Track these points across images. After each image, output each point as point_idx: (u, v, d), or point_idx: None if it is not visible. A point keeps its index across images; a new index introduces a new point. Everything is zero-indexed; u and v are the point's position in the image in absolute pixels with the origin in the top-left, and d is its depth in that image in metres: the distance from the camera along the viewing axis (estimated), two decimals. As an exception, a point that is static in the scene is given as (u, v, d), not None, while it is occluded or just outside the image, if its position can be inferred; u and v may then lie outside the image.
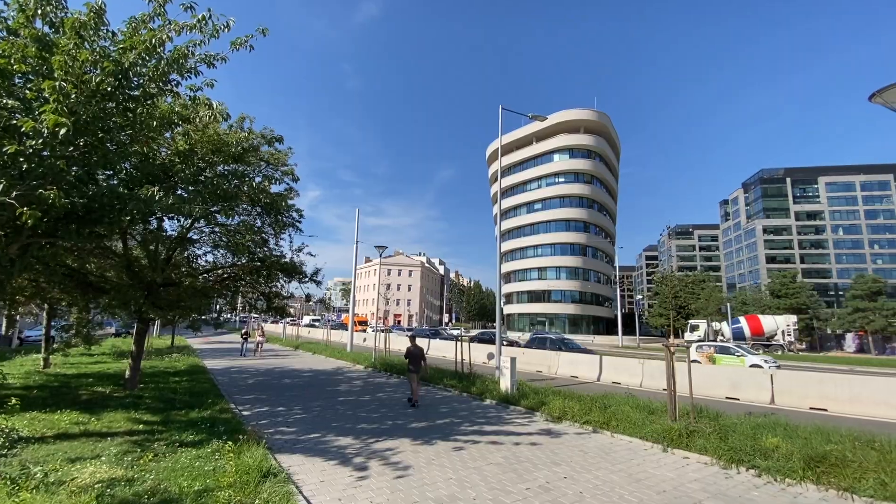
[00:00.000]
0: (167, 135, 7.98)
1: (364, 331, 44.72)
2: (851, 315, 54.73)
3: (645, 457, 6.92)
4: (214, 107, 6.88)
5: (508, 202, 75.78)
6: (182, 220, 10.29)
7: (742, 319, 45.15)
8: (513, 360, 11.91)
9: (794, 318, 43.79)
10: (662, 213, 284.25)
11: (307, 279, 13.31)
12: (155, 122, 6.21)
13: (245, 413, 9.44)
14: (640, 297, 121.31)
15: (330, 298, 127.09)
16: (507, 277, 76.00)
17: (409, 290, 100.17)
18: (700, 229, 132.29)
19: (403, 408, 10.41)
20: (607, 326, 68.42)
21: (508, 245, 75.05)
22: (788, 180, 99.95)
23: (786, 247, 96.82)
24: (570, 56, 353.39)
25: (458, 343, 15.91)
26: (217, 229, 11.85)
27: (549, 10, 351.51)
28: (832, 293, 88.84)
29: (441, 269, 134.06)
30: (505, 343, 30.11)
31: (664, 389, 8.84)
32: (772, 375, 12.78)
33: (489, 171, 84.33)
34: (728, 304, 47.03)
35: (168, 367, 16.68)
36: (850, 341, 54.76)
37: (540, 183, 73.30)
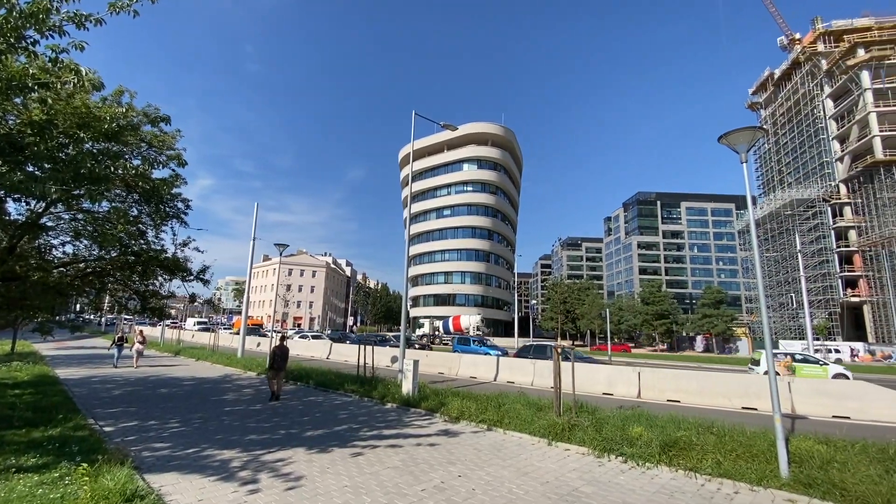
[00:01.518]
0: (17, 101, 6.68)
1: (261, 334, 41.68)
2: (701, 320, 64.79)
3: (532, 451, 7.45)
4: (83, 73, 5.91)
5: (419, 206, 76.57)
6: (33, 202, 8.65)
7: (451, 319, 57.48)
8: (415, 362, 12.03)
9: (478, 316, 58.28)
10: (557, 226, 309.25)
11: (192, 277, 11.99)
12: (0, 84, 5.16)
13: (108, 429, 8.20)
14: (534, 301, 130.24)
15: (220, 299, 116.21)
16: (415, 281, 76.58)
17: (312, 291, 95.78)
18: (587, 242, 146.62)
19: (300, 415, 9.91)
20: (505, 329, 72.46)
21: (417, 249, 75.75)
22: (659, 203, 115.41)
23: (654, 260, 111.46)
24: (481, 69, 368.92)
25: (362, 347, 15.62)
26: (80, 216, 10.15)
27: (468, 22, 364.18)
28: (688, 301, 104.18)
29: (348, 271, 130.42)
30: (417, 347, 30.27)
31: (552, 387, 9.62)
32: (639, 373, 14.61)
33: (401, 175, 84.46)
34: (607, 310, 52.77)
35: (6, 377, 13.84)
36: (700, 342, 64.75)
37: (450, 190, 75.41)
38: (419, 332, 59.92)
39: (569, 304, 73.42)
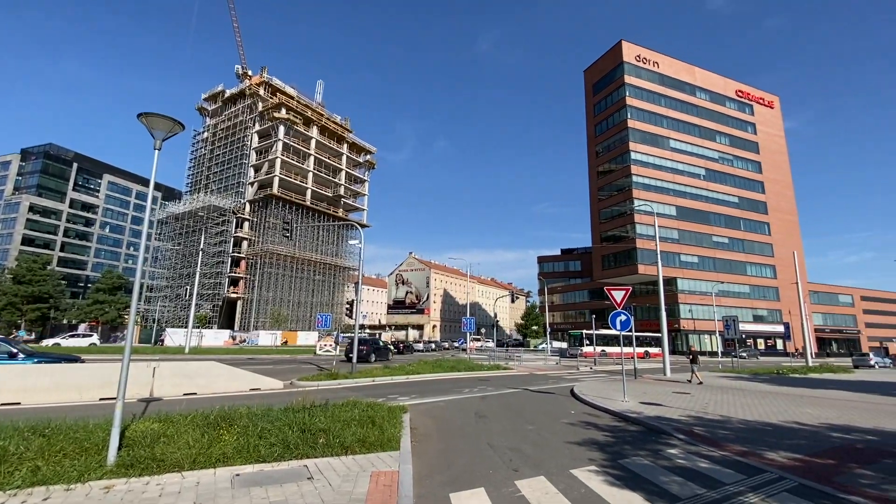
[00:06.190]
0: None
1: None
2: (91, 306, 58.21)
3: None
4: None
5: None
6: None
7: None
8: None
9: None
10: None
11: None
12: None
13: None
14: None
15: None
16: None
17: None
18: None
19: None
20: None
21: None
22: (76, 165, 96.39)
23: (51, 232, 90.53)
24: None
25: None
26: None
27: None
28: (82, 284, 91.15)
29: None
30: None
31: None
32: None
33: None
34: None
35: None
36: (82, 330, 57.55)
37: None
38: None
39: None
